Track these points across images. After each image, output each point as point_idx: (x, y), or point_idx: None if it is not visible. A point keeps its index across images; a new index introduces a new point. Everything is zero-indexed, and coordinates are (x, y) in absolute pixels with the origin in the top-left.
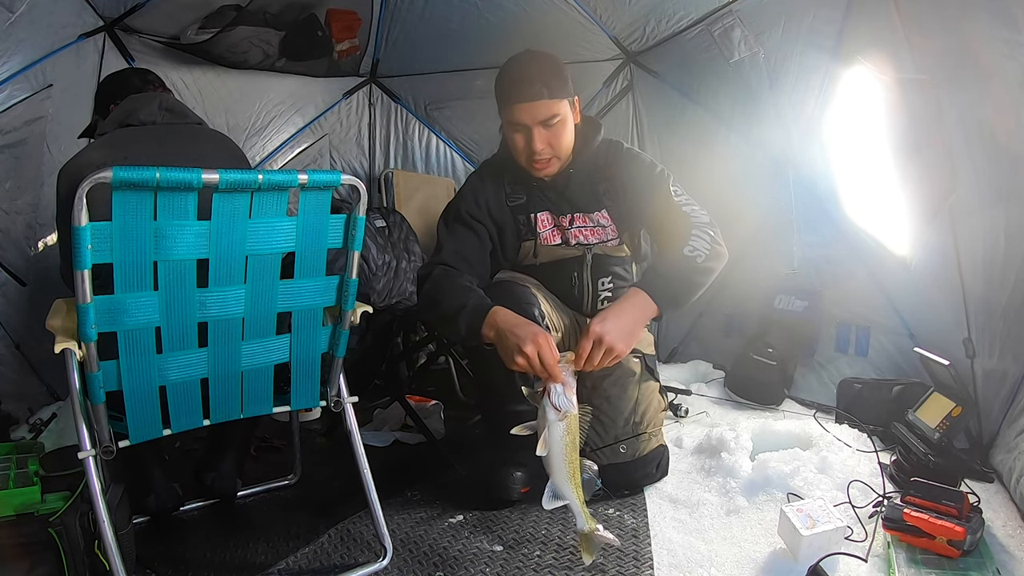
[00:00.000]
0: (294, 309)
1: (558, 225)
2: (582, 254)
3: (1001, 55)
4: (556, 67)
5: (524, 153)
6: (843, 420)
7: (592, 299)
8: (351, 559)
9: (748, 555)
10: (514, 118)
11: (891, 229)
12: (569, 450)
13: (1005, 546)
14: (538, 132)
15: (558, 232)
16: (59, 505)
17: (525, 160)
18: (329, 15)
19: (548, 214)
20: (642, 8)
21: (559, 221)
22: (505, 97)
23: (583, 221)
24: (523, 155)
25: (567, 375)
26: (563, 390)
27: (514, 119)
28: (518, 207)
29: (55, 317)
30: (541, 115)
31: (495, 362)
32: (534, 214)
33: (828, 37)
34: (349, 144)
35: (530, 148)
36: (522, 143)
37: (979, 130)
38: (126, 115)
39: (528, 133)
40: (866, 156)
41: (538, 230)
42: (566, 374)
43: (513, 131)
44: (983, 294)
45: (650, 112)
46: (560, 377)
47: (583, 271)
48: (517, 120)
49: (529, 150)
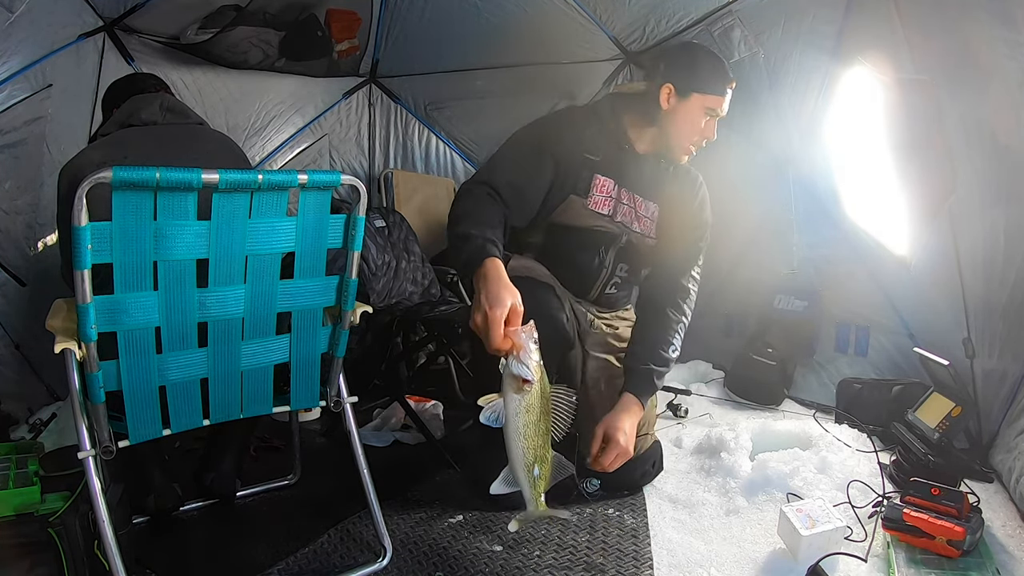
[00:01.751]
0: (294, 309)
1: (616, 197)
2: (619, 233)
3: (1001, 55)
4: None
5: (698, 138)
6: (843, 420)
7: (605, 282)
8: (351, 559)
9: (748, 555)
10: (717, 105)
11: (891, 229)
12: (528, 428)
13: (1005, 546)
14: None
15: (610, 202)
16: (59, 505)
17: (691, 145)
18: (329, 15)
19: (610, 182)
20: (642, 8)
21: (619, 194)
22: (717, 84)
23: (639, 205)
24: (695, 140)
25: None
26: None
27: (716, 106)
28: (589, 162)
29: (55, 317)
30: (727, 110)
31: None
32: (599, 175)
33: (828, 37)
34: (349, 144)
35: (707, 135)
36: (705, 129)
37: (979, 130)
38: (127, 115)
39: (715, 121)
40: (866, 156)
41: (592, 192)
42: (526, 339)
43: (703, 115)
44: (983, 294)
45: None
46: (504, 345)
47: (611, 249)
48: (717, 108)
49: (705, 136)
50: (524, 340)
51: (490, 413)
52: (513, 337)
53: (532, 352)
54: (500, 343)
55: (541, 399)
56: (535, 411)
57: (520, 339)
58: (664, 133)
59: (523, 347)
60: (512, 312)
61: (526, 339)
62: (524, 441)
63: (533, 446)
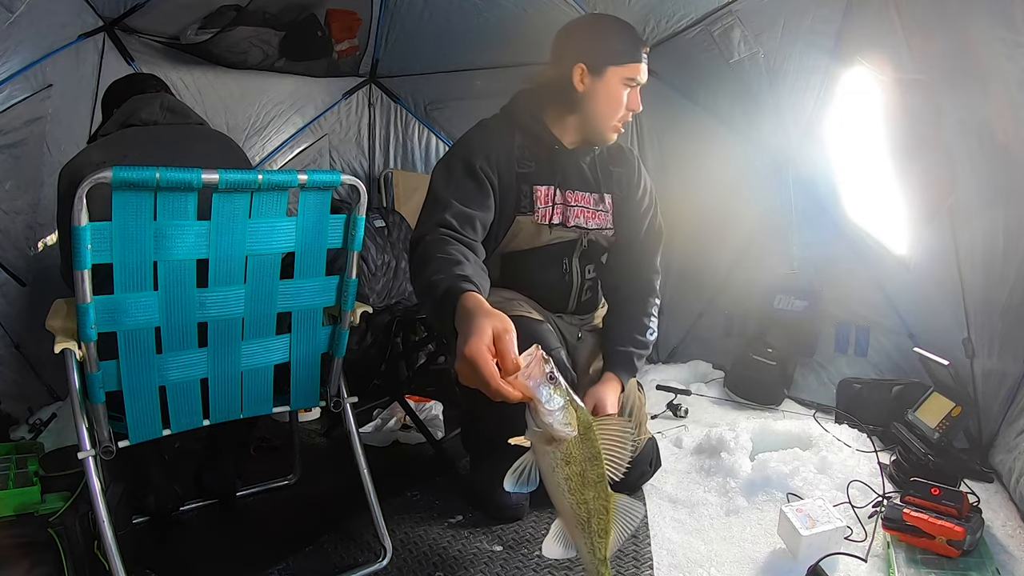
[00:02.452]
0: (294, 309)
1: (562, 202)
2: (577, 237)
3: (1001, 56)
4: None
5: (621, 111)
6: (843, 420)
7: (579, 290)
8: (351, 559)
9: (748, 555)
10: (634, 74)
11: (891, 229)
12: (572, 482)
13: (1005, 546)
14: (640, 94)
15: (559, 210)
16: (59, 505)
17: (616, 120)
18: (329, 15)
19: (551, 188)
20: (642, 8)
21: (565, 197)
22: (631, 53)
23: (587, 201)
24: (620, 114)
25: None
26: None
27: (634, 75)
28: (524, 175)
29: (55, 317)
30: (646, 77)
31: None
32: (537, 187)
33: (827, 37)
34: (349, 144)
35: (632, 106)
36: (625, 101)
37: (978, 130)
38: (127, 115)
39: (635, 93)
40: (865, 156)
41: (536, 205)
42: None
43: (622, 87)
44: (982, 294)
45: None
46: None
47: (574, 257)
48: (636, 76)
49: (630, 108)
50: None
51: (518, 477)
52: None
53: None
54: (504, 390)
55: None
56: (577, 460)
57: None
58: (586, 117)
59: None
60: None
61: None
62: (571, 496)
63: (585, 499)
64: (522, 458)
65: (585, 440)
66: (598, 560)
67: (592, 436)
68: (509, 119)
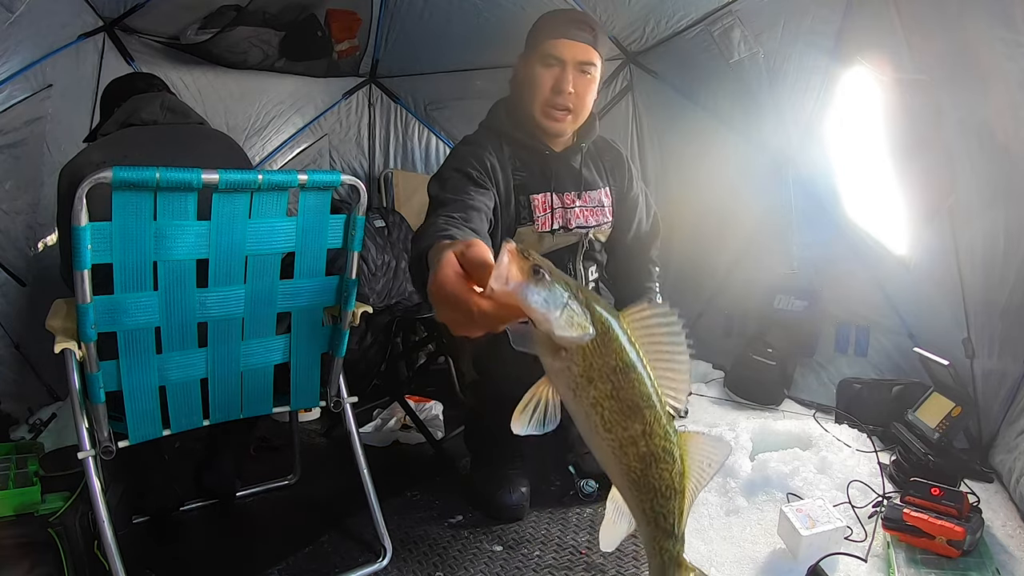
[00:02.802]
0: (294, 309)
1: (561, 205)
2: (578, 240)
3: (1001, 55)
4: (604, 29)
5: (547, 94)
6: (843, 420)
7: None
8: (351, 559)
9: (748, 555)
10: (553, 51)
11: (891, 229)
12: (607, 414)
13: (1005, 546)
14: (571, 73)
15: (559, 215)
16: (59, 505)
17: (543, 104)
18: (329, 15)
19: (547, 195)
20: (642, 8)
21: (563, 200)
22: (547, 31)
23: (586, 200)
24: (543, 97)
25: (524, 287)
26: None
27: (552, 52)
28: (520, 185)
29: (55, 317)
30: (581, 56)
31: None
32: (534, 195)
33: (827, 37)
34: (349, 144)
35: (558, 87)
36: (550, 81)
37: (979, 130)
38: (128, 115)
39: (562, 71)
40: (865, 156)
41: (536, 214)
42: (523, 286)
43: (543, 66)
44: (983, 294)
45: (650, 112)
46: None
47: (577, 261)
48: (556, 54)
49: (556, 90)
50: (516, 286)
51: (529, 415)
52: (500, 296)
53: (540, 290)
54: (482, 306)
55: (606, 349)
56: (603, 374)
57: (509, 288)
58: (514, 106)
59: (521, 295)
60: (462, 256)
61: (517, 283)
62: (609, 435)
63: (631, 435)
64: (532, 389)
65: (609, 343)
66: (663, 534)
67: (618, 339)
68: (494, 131)
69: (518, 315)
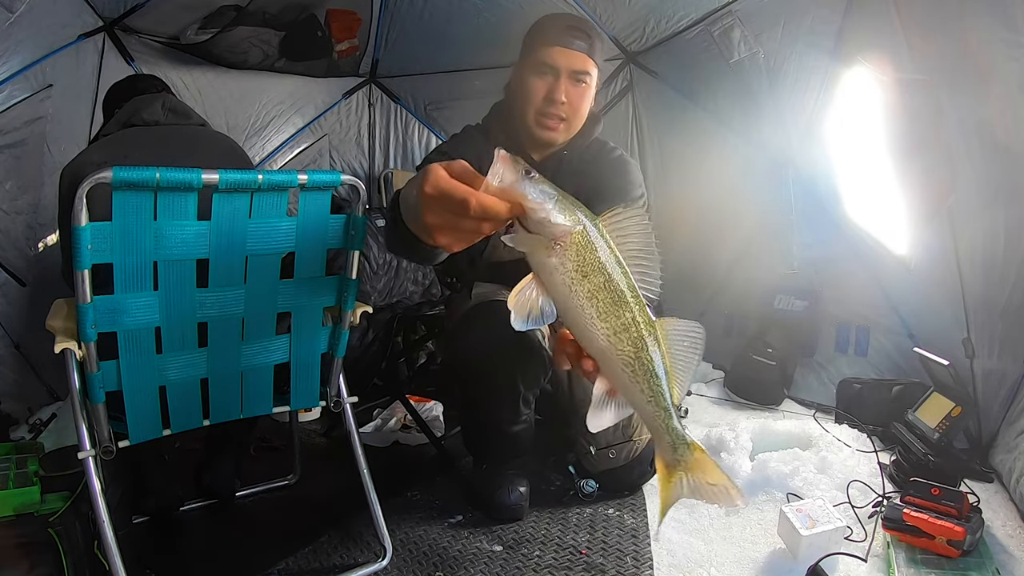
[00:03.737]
0: (294, 309)
1: None
2: None
3: (1001, 56)
4: (601, 35)
5: (540, 103)
6: (843, 420)
7: None
8: (351, 559)
9: (748, 555)
10: (546, 59)
11: (891, 229)
12: (602, 305)
13: (1005, 546)
14: (565, 83)
15: None
16: (59, 505)
17: (536, 113)
18: (329, 15)
19: None
20: (642, 8)
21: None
22: (541, 38)
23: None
24: (537, 105)
25: (524, 181)
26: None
27: (546, 60)
28: None
29: (55, 317)
30: (576, 65)
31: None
32: None
33: (827, 37)
34: (349, 144)
35: (551, 97)
36: (543, 90)
37: (979, 130)
38: (129, 115)
39: (555, 80)
40: (866, 156)
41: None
42: (523, 178)
43: (536, 75)
44: (983, 294)
45: (650, 112)
46: (497, 204)
47: None
48: (550, 62)
49: (549, 99)
50: (513, 182)
51: (525, 311)
52: (498, 192)
53: (536, 186)
54: (486, 201)
55: (597, 243)
56: (596, 268)
57: (507, 182)
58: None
59: (520, 190)
60: (451, 168)
61: (515, 179)
62: (604, 324)
63: (624, 323)
64: (521, 283)
65: (599, 239)
66: (662, 409)
67: (605, 235)
68: (481, 131)
69: (510, 212)
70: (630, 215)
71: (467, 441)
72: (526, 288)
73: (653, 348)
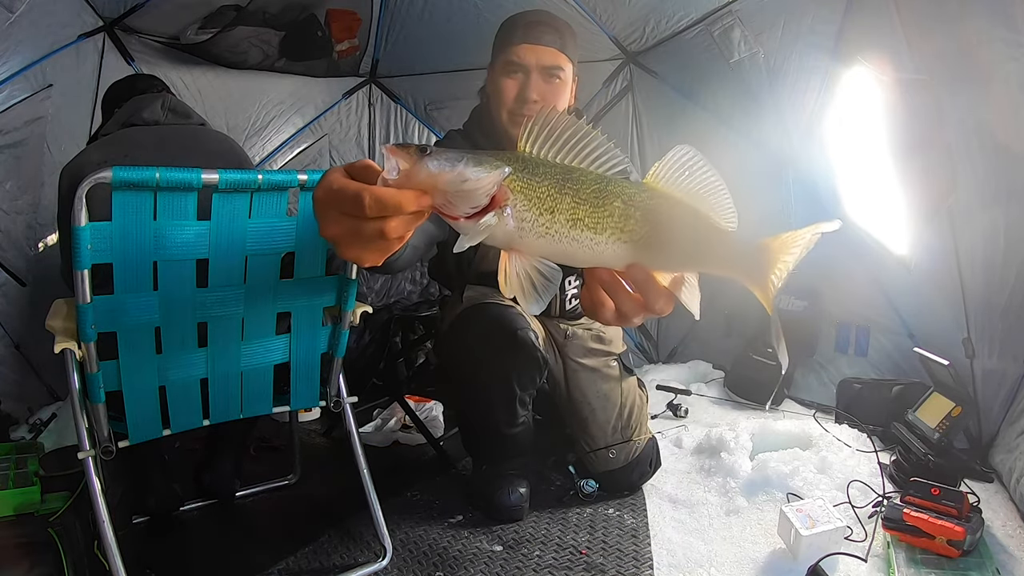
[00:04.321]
0: (294, 309)
1: None
2: None
3: (1001, 55)
4: (572, 28)
5: (512, 103)
6: (843, 420)
7: (560, 300)
8: (351, 559)
9: (748, 555)
10: (514, 58)
11: (891, 229)
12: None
13: (1005, 546)
14: (536, 80)
15: None
16: (59, 505)
17: (508, 113)
18: (329, 15)
19: None
20: (642, 8)
21: None
22: (508, 37)
23: None
24: (509, 106)
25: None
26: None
27: (514, 59)
28: None
29: (55, 317)
30: (546, 61)
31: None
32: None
33: (828, 37)
34: (349, 144)
35: (523, 96)
36: (514, 90)
37: (979, 130)
38: (129, 115)
39: (525, 78)
40: (866, 156)
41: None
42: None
43: (506, 75)
44: (983, 294)
45: (650, 112)
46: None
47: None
48: (518, 60)
49: (521, 99)
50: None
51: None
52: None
53: (435, 159)
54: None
55: (538, 173)
56: (557, 193)
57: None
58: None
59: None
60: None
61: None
62: (605, 232)
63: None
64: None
65: (535, 165)
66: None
67: (537, 156)
68: (464, 135)
69: (416, 201)
70: (675, 160)
71: (466, 443)
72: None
73: (664, 207)
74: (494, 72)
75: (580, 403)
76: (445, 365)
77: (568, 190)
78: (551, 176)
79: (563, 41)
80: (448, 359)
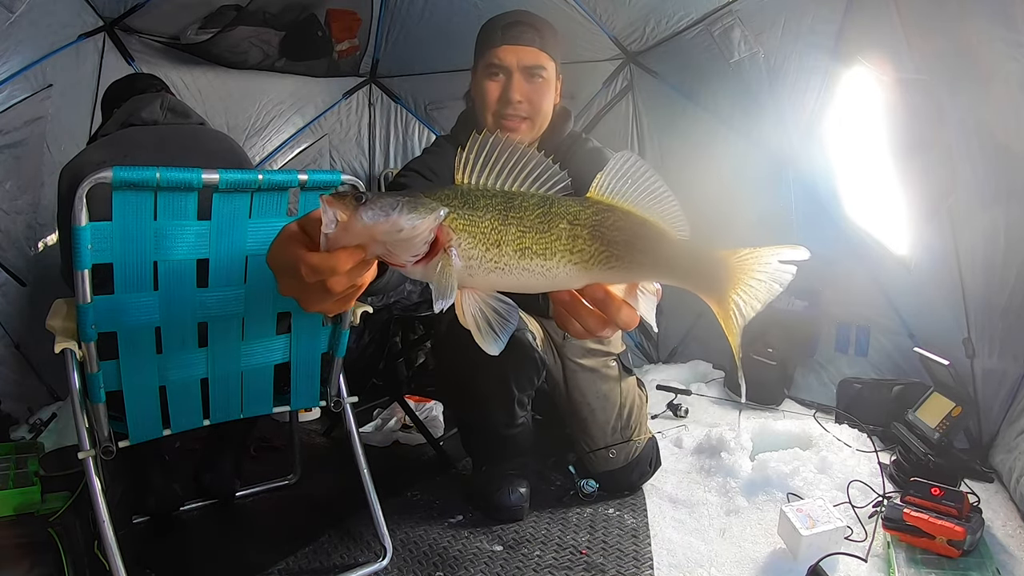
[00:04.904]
0: (294, 309)
1: None
2: None
3: (1001, 55)
4: (552, 26)
5: (496, 105)
6: (843, 420)
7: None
8: (351, 559)
9: (748, 555)
10: (495, 59)
11: (891, 229)
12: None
13: (1005, 546)
14: (519, 81)
15: None
16: (59, 505)
17: (493, 116)
18: (329, 15)
19: None
20: (642, 8)
21: None
22: (488, 39)
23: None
24: (493, 108)
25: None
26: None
27: (495, 61)
28: None
29: (55, 317)
30: (528, 61)
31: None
32: None
33: (828, 37)
34: (349, 144)
35: (506, 97)
36: (496, 91)
37: (979, 130)
38: (128, 114)
39: (507, 79)
40: (866, 156)
41: None
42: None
43: (488, 77)
44: (983, 294)
45: (650, 112)
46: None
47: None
48: (499, 61)
49: (504, 100)
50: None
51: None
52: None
53: (368, 209)
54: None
55: (477, 207)
56: (500, 224)
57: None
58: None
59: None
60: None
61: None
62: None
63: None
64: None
65: (475, 198)
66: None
67: (475, 187)
68: (452, 140)
69: (352, 257)
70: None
71: (465, 444)
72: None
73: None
74: (477, 75)
75: (579, 403)
76: (443, 366)
77: (512, 219)
78: (492, 207)
79: (543, 40)
80: (446, 360)
